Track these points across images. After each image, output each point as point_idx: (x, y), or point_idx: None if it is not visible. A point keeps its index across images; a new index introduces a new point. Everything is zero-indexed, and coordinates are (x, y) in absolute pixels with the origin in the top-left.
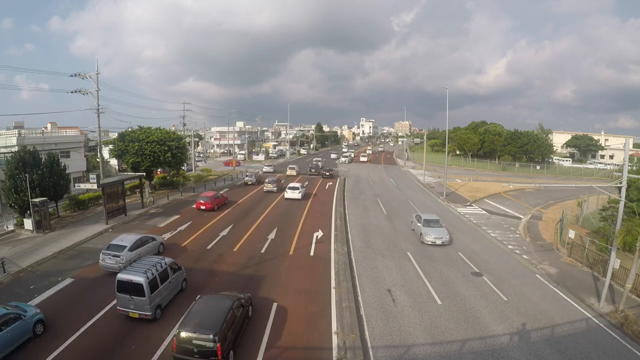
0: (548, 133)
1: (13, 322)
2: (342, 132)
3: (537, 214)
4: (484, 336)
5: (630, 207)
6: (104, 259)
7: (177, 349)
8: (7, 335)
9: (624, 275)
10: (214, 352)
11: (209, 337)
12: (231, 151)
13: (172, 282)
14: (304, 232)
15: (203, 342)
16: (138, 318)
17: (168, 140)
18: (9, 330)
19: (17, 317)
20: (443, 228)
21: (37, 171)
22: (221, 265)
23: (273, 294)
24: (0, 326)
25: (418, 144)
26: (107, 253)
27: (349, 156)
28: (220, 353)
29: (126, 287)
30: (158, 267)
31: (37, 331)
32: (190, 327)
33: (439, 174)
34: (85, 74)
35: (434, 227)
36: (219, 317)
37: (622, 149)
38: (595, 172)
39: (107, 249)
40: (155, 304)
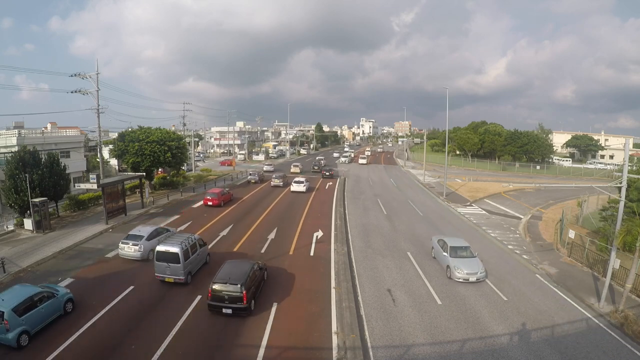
0: (548, 133)
1: (47, 300)
2: (342, 132)
3: (537, 214)
4: (484, 336)
5: (630, 207)
6: (123, 247)
7: (211, 297)
8: (42, 311)
9: (624, 275)
10: (241, 298)
11: (237, 287)
12: (231, 151)
13: (200, 254)
14: (304, 232)
15: (232, 291)
16: (173, 282)
17: (168, 140)
18: (43, 307)
19: (50, 295)
20: (476, 258)
21: (37, 171)
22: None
23: (273, 294)
24: (37, 303)
25: (418, 144)
26: (126, 242)
27: (348, 156)
28: (245, 298)
29: (164, 256)
30: (189, 241)
31: (67, 309)
32: (222, 280)
33: (439, 174)
34: (85, 74)
35: (465, 258)
36: (243, 273)
37: (622, 149)
38: (595, 172)
39: (126, 238)
40: (187, 271)
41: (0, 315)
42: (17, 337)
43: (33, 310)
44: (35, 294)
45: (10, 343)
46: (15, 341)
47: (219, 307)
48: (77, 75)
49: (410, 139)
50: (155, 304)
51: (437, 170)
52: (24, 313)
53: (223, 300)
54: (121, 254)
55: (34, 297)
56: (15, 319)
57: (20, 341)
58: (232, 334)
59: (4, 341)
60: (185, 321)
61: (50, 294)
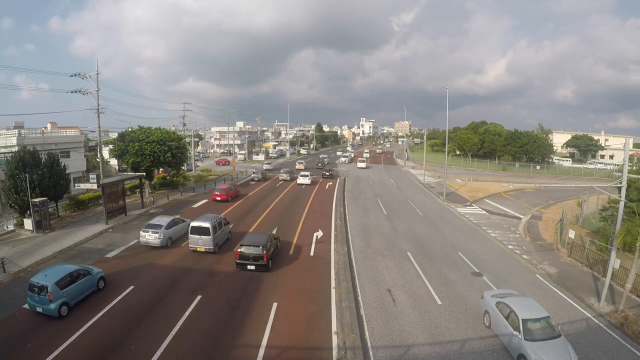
0: (548, 133)
1: (83, 277)
2: (342, 132)
3: (537, 214)
4: (484, 336)
5: (630, 207)
6: (144, 235)
7: (239, 257)
8: (80, 285)
9: (624, 275)
10: (262, 257)
11: (259, 249)
12: (231, 151)
13: (224, 231)
14: (304, 232)
15: (255, 251)
16: (204, 252)
17: (168, 140)
18: (80, 282)
19: (86, 273)
20: (562, 338)
21: (37, 171)
22: (220, 266)
23: (273, 294)
24: (75, 279)
25: (418, 144)
26: (147, 230)
27: (348, 156)
28: (265, 257)
29: (197, 230)
30: (216, 219)
31: (100, 286)
32: (247, 244)
33: (439, 174)
34: (85, 74)
35: (548, 341)
36: (264, 239)
37: (622, 149)
38: (595, 172)
39: (147, 227)
40: (215, 242)
41: (45, 288)
42: (58, 307)
43: (72, 285)
44: (73, 271)
45: (52, 313)
46: (56, 311)
47: (244, 265)
48: (77, 75)
49: (410, 139)
50: (155, 304)
51: (437, 170)
52: (64, 287)
53: (248, 259)
54: (142, 241)
55: (73, 273)
56: (57, 291)
57: (61, 311)
58: (232, 335)
59: (47, 311)
60: (186, 321)
61: (86, 272)
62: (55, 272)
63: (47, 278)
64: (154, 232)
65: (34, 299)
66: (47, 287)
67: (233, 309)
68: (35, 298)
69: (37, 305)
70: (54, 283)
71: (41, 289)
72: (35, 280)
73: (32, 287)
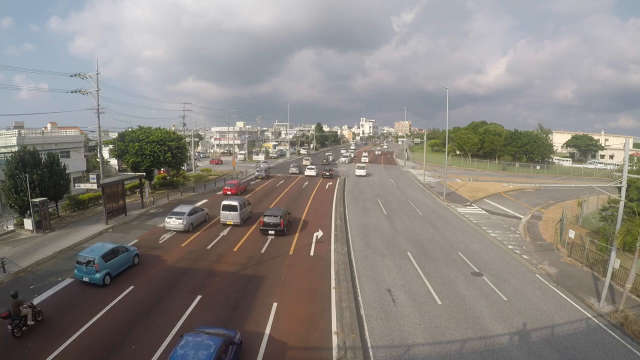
0: (548, 133)
1: (122, 253)
2: (342, 132)
3: (537, 214)
4: (484, 336)
5: (630, 207)
6: (169, 221)
7: (262, 225)
8: (120, 260)
9: (624, 275)
10: (279, 224)
11: (277, 218)
12: (231, 151)
13: (247, 210)
14: (304, 232)
15: (274, 220)
16: (232, 224)
17: (168, 140)
18: (120, 257)
19: (124, 250)
20: None
21: (37, 171)
22: (221, 266)
23: (273, 294)
24: (117, 254)
25: (418, 144)
26: (171, 217)
27: (348, 156)
28: (282, 224)
29: (227, 207)
30: (242, 200)
31: (135, 262)
32: (269, 214)
33: (439, 174)
34: (85, 74)
35: None
36: (281, 212)
37: (622, 149)
38: (595, 172)
39: (171, 215)
40: (241, 217)
41: (92, 261)
42: (103, 277)
43: (114, 259)
44: (115, 247)
45: (98, 282)
46: (101, 280)
47: (266, 230)
48: (77, 76)
49: (410, 139)
50: (155, 304)
51: (437, 170)
52: (108, 260)
53: (269, 226)
54: (167, 226)
55: (114, 250)
56: (103, 264)
57: (105, 280)
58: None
59: (94, 280)
60: (186, 321)
61: (124, 249)
62: (100, 248)
63: (93, 252)
64: (178, 218)
65: (82, 270)
66: (94, 260)
67: (233, 309)
68: (83, 270)
69: (84, 276)
70: (100, 256)
71: (89, 262)
72: (83, 254)
73: (80, 261)
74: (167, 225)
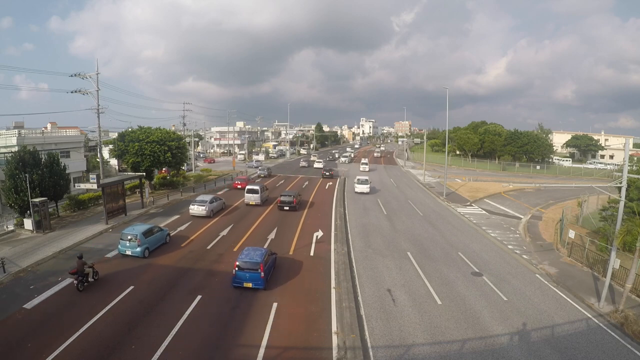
0: (548, 133)
1: (158, 232)
2: (342, 132)
3: (537, 214)
4: (484, 336)
5: (630, 207)
6: (193, 208)
7: (279, 202)
8: (156, 237)
9: (624, 275)
10: (292, 202)
11: (291, 197)
12: (231, 151)
13: (265, 194)
14: (304, 232)
15: (288, 199)
16: (254, 205)
17: (168, 140)
18: (157, 235)
19: (159, 230)
20: None
21: (37, 171)
22: (221, 265)
23: (273, 294)
24: (153, 232)
25: (418, 144)
26: (195, 204)
27: (348, 156)
28: (295, 201)
29: (251, 191)
30: (262, 185)
31: (167, 240)
32: (284, 195)
33: (439, 174)
34: (85, 74)
35: None
36: (294, 193)
37: (622, 149)
38: (595, 172)
39: (195, 202)
40: (262, 199)
41: (135, 236)
42: (143, 250)
43: (151, 236)
44: (152, 227)
45: (139, 254)
46: (142, 253)
47: (282, 207)
48: (77, 76)
49: (410, 139)
50: (155, 304)
51: (437, 170)
52: (147, 237)
53: (285, 204)
54: (191, 213)
55: (151, 229)
56: (143, 239)
57: (145, 253)
58: (232, 334)
59: (135, 253)
60: (186, 321)
61: (159, 229)
62: (141, 227)
63: (135, 230)
64: (201, 205)
65: (125, 245)
66: (136, 236)
67: (233, 309)
68: (127, 244)
69: (127, 249)
70: (141, 233)
71: (132, 237)
72: (126, 231)
73: (124, 237)
74: (192, 211)
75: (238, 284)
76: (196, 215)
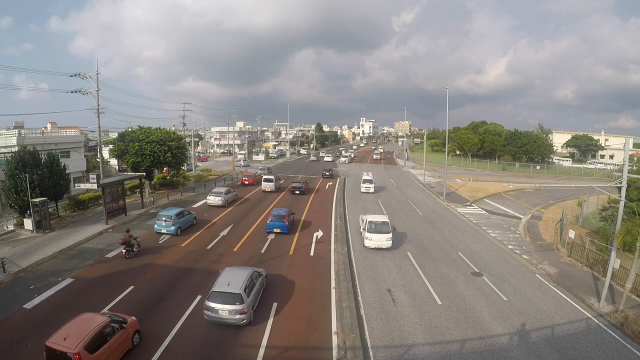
0: (548, 133)
1: (188, 215)
2: (342, 132)
3: (537, 214)
4: (484, 336)
5: (630, 207)
6: (210, 198)
7: (291, 188)
8: (186, 218)
9: (624, 275)
10: (301, 187)
11: (300, 184)
12: (231, 151)
13: (279, 182)
14: (304, 232)
15: (299, 185)
16: (269, 191)
17: (168, 140)
18: (186, 217)
19: (188, 213)
20: None
21: (37, 171)
22: (221, 265)
23: (273, 294)
24: (184, 215)
25: (418, 144)
26: (212, 195)
27: (348, 156)
28: (304, 187)
29: (267, 179)
30: (276, 175)
31: (194, 222)
32: (295, 182)
33: (439, 174)
34: (85, 74)
35: None
36: (303, 180)
37: (622, 149)
38: (595, 172)
39: (211, 194)
40: (276, 186)
41: (169, 217)
42: (176, 229)
43: (183, 217)
44: (183, 210)
45: (173, 232)
46: (175, 231)
47: (294, 191)
48: (77, 76)
49: (410, 139)
50: (155, 304)
51: (437, 170)
52: (179, 218)
53: (295, 189)
54: (209, 203)
55: (182, 212)
56: (176, 219)
57: (177, 232)
58: (232, 334)
59: (169, 231)
60: (186, 321)
61: (188, 212)
62: (174, 209)
63: (169, 212)
64: (216, 196)
65: (161, 225)
66: (171, 216)
67: None
68: (162, 224)
69: (163, 228)
70: (175, 214)
71: (167, 218)
72: (162, 213)
73: (159, 218)
74: (209, 201)
75: (270, 229)
76: (212, 205)
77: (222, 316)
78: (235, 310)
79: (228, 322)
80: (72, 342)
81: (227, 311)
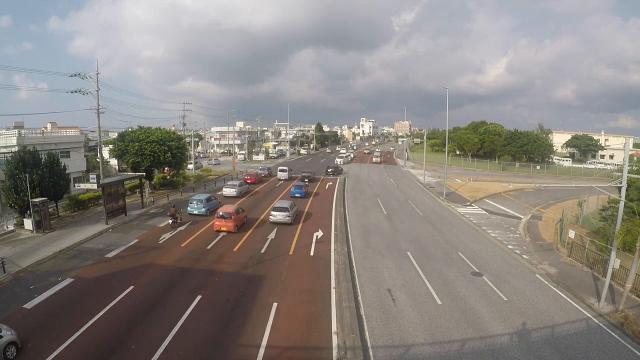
0: (548, 133)
1: (214, 200)
2: (342, 132)
3: (537, 214)
4: (484, 336)
5: (630, 207)
6: (225, 190)
7: (301, 178)
8: (214, 202)
9: (624, 275)
10: (310, 176)
11: (309, 173)
12: (231, 151)
13: (290, 173)
14: (304, 232)
15: (307, 174)
16: (284, 180)
17: (168, 140)
18: (213, 202)
19: (215, 198)
20: None
21: (37, 171)
22: (221, 265)
23: (273, 294)
24: (211, 200)
25: (418, 144)
26: (227, 187)
27: (348, 156)
28: (312, 176)
29: (282, 170)
30: (290, 168)
31: (219, 206)
32: (304, 172)
33: (439, 174)
34: (85, 74)
35: None
36: (309, 172)
37: (622, 149)
38: (595, 172)
39: (227, 186)
40: (289, 176)
41: (201, 201)
42: (206, 210)
43: (211, 202)
44: (210, 196)
45: (204, 213)
46: (206, 212)
47: (303, 179)
48: (77, 76)
49: (410, 139)
50: (155, 304)
51: (437, 170)
52: (208, 202)
53: (304, 179)
54: (224, 194)
55: (210, 197)
56: (206, 203)
57: (207, 213)
58: (232, 334)
59: (200, 212)
60: (186, 321)
61: (214, 197)
62: (204, 195)
63: (201, 197)
64: (232, 188)
65: (194, 207)
66: (202, 200)
67: (233, 309)
68: (195, 206)
69: (195, 210)
70: (205, 199)
71: (199, 201)
72: (194, 198)
73: (192, 202)
74: (225, 193)
75: (293, 195)
76: (227, 196)
77: (279, 219)
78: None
79: (282, 222)
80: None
81: (282, 215)
